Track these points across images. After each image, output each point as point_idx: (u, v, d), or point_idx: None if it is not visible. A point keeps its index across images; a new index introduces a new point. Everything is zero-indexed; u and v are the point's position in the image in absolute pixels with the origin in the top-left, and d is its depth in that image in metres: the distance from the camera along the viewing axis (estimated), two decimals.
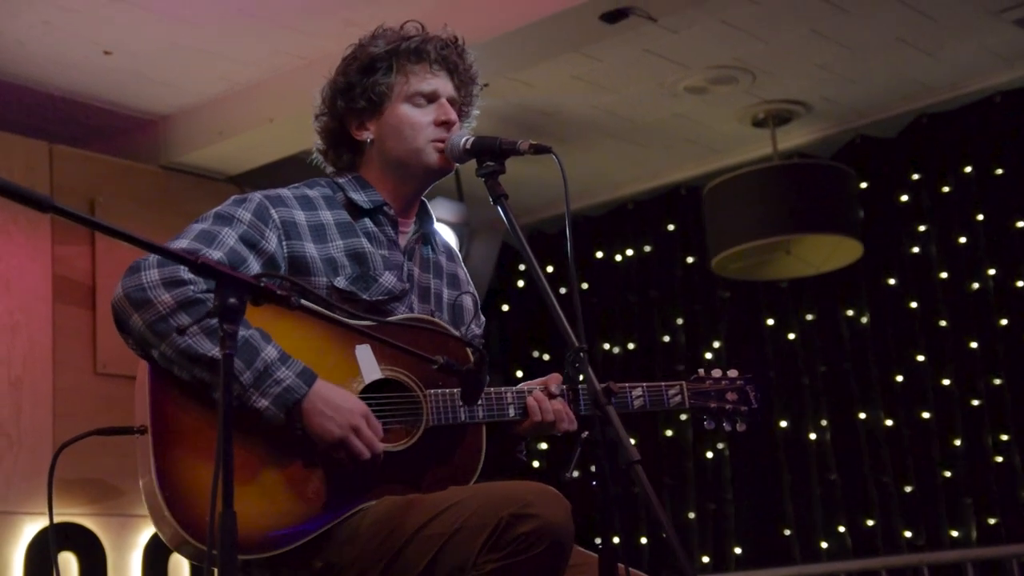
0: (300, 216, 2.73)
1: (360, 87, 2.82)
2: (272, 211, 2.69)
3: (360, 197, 2.82)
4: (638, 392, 2.92)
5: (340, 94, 2.85)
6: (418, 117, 2.81)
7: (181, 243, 2.59)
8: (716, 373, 3.06)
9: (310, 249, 2.70)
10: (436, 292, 2.89)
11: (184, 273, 2.52)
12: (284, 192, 2.78)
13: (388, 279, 2.76)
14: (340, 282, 2.69)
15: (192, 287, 2.52)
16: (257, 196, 2.73)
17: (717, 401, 3.03)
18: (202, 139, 5.89)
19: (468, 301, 2.97)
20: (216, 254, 2.56)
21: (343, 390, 2.58)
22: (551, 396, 2.80)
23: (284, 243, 2.67)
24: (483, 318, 3.04)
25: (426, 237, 2.93)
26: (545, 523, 2.36)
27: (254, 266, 2.61)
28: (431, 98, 2.83)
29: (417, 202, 2.91)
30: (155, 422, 2.51)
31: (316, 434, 2.54)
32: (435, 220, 2.99)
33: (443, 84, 2.85)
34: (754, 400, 3.06)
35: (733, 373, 3.08)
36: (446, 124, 2.81)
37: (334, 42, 5.33)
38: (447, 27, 2.94)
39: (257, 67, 5.54)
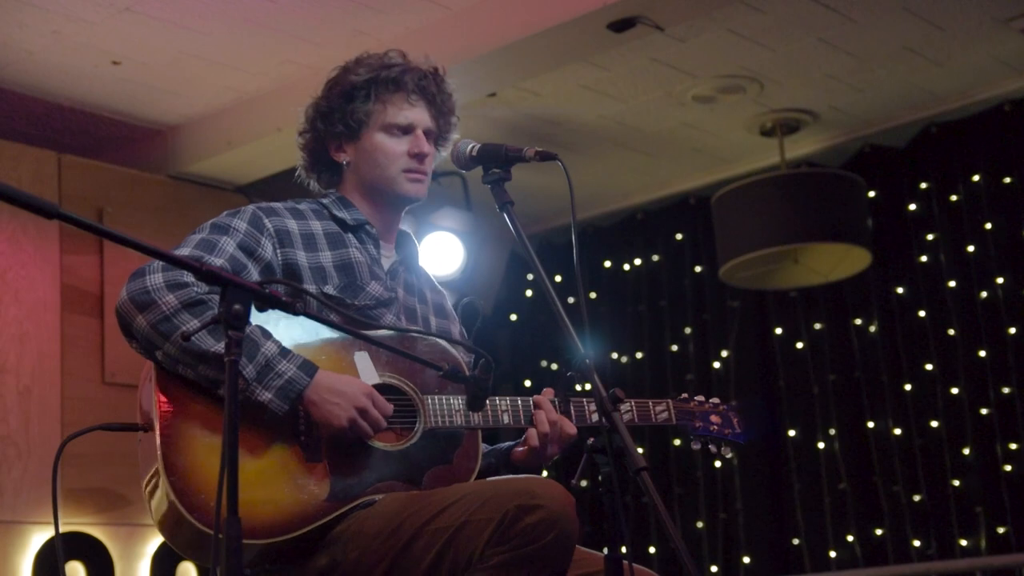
0: (292, 225, 2.83)
1: (339, 112, 2.95)
2: (265, 220, 2.79)
3: (344, 215, 2.93)
4: (626, 407, 3.00)
5: (320, 117, 2.98)
6: (392, 146, 2.91)
7: (182, 251, 2.67)
8: (699, 398, 3.17)
9: (301, 257, 2.79)
10: (423, 316, 2.98)
11: (187, 276, 2.59)
12: (275, 204, 2.89)
13: (375, 287, 2.85)
14: (329, 290, 2.79)
15: (195, 288, 2.59)
16: (250, 207, 2.84)
17: (702, 421, 3.12)
18: (211, 149, 5.90)
19: (455, 332, 3.06)
20: (218, 261, 2.65)
21: (345, 375, 2.65)
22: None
23: (278, 251, 2.77)
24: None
25: (409, 265, 3.02)
26: (551, 514, 2.40)
27: (253, 273, 2.71)
28: (406, 130, 2.94)
29: (396, 228, 3.03)
30: (162, 417, 2.56)
31: (323, 422, 2.61)
32: (419, 252, 3.09)
33: (419, 115, 2.95)
34: (737, 426, 3.17)
35: (715, 400, 3.19)
36: (419, 156, 2.92)
37: (342, 52, 5.35)
38: (428, 57, 3.04)
39: (265, 77, 5.55)
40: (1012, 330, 6.06)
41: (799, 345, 6.74)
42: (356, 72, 2.96)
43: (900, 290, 6.45)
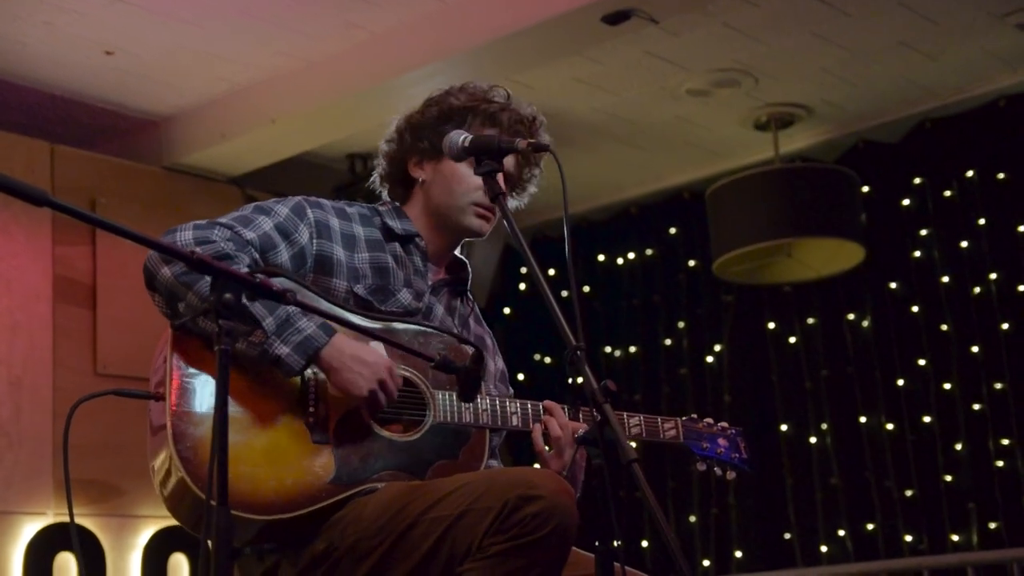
0: (334, 222, 2.84)
1: (429, 129, 2.92)
2: (309, 210, 2.81)
3: (395, 224, 2.93)
4: (635, 421, 3.02)
5: (410, 129, 2.97)
6: (469, 178, 2.86)
7: (221, 220, 2.71)
8: (708, 420, 3.18)
9: (338, 252, 2.81)
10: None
11: (216, 235, 2.63)
12: (323, 200, 2.91)
13: (404, 296, 2.85)
14: (359, 289, 2.79)
15: (221, 244, 2.62)
16: (297, 197, 2.86)
17: (709, 442, 3.15)
18: (204, 140, 5.89)
19: (494, 367, 3.06)
20: (249, 235, 2.68)
21: (362, 343, 2.64)
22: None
23: (315, 240, 2.78)
24: (511, 390, 3.10)
25: (455, 290, 3.02)
26: (551, 504, 2.40)
27: (284, 254, 2.73)
28: None
29: (449, 255, 3.02)
30: (174, 386, 2.57)
31: (343, 387, 2.62)
32: (470, 280, 3.07)
33: (505, 157, 2.86)
34: (744, 450, 3.19)
35: (724, 424, 3.21)
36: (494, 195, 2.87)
37: (335, 43, 5.39)
38: (532, 105, 3.00)
39: (259, 68, 5.54)
40: (1005, 326, 6.06)
41: (792, 340, 6.74)
42: (457, 97, 2.95)
43: (893, 285, 6.45)
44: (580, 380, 2.38)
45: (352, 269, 2.80)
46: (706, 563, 6.73)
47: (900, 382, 6.36)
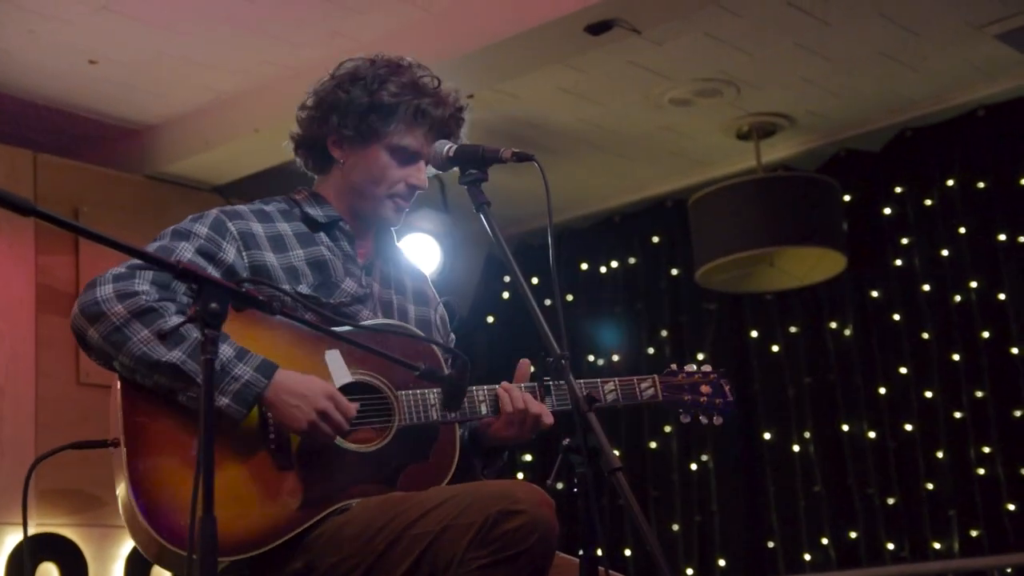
0: (257, 228, 2.79)
1: (355, 118, 2.86)
2: (229, 224, 2.76)
3: (316, 212, 2.89)
4: (611, 387, 2.96)
5: (336, 109, 2.88)
6: (392, 170, 2.86)
7: (137, 263, 2.64)
8: (689, 367, 3.11)
9: (270, 258, 2.76)
10: (400, 307, 2.94)
11: (137, 285, 2.59)
12: (240, 207, 2.85)
13: (349, 284, 2.82)
14: (303, 289, 2.75)
15: (144, 297, 2.58)
16: (213, 211, 2.80)
17: (691, 394, 3.07)
18: (187, 149, 5.88)
19: (435, 317, 3.03)
20: None
21: (307, 376, 2.60)
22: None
23: (244, 253, 2.74)
24: (453, 336, 3.09)
25: (386, 257, 2.98)
26: (533, 518, 2.40)
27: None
28: (412, 158, 2.88)
29: (372, 230, 2.97)
30: (127, 433, 2.55)
31: (285, 425, 2.58)
32: (396, 240, 3.04)
33: (429, 148, 2.86)
34: (728, 393, 3.09)
35: (706, 367, 3.12)
36: (413, 188, 2.89)
37: (320, 52, 5.39)
38: (459, 91, 2.98)
39: (243, 77, 5.53)
40: (985, 334, 6.09)
41: (774, 348, 6.76)
42: (387, 86, 2.85)
43: (875, 293, 6.48)
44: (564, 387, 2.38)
45: (289, 269, 2.76)
46: (689, 571, 6.74)
47: (882, 390, 6.38)
